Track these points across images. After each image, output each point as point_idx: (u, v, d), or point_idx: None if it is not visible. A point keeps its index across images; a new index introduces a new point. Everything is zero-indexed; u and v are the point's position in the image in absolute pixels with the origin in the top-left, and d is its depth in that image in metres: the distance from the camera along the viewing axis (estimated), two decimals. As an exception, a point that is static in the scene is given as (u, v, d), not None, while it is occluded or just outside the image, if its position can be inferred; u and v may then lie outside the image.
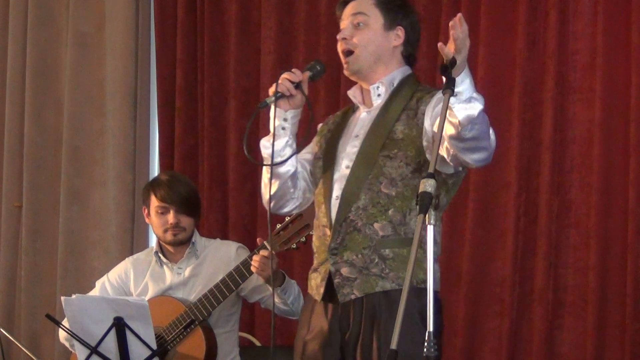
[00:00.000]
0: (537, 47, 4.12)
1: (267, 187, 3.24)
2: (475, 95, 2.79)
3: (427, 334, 2.34)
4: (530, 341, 4.08)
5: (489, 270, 4.18)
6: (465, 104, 2.78)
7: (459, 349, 4.18)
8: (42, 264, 5.33)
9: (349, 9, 3.22)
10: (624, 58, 3.95)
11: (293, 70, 3.16)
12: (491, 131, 2.90)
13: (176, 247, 4.14)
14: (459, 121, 2.78)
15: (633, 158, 3.90)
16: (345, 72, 3.22)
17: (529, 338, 4.09)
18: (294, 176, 3.26)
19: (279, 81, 3.14)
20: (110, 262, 5.06)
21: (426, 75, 4.33)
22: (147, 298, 4.04)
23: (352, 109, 3.31)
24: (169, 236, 4.10)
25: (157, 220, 4.11)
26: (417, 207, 2.33)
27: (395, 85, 3.21)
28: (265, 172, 3.23)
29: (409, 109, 3.14)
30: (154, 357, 3.64)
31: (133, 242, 5.13)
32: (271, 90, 3.15)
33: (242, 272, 3.88)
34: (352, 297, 3.08)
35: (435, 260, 3.05)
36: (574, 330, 4.03)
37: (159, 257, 4.14)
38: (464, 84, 2.75)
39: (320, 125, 3.38)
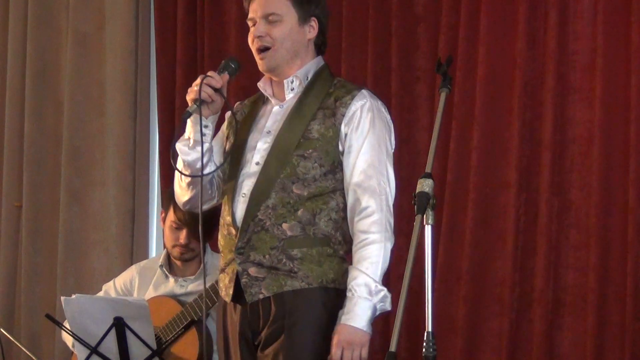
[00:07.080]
0: (537, 47, 4.11)
1: (184, 192, 3.16)
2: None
3: (426, 334, 2.35)
4: (530, 341, 4.07)
5: (489, 270, 4.17)
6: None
7: (459, 349, 4.17)
8: (42, 264, 5.33)
9: (258, 7, 3.09)
10: (624, 58, 3.94)
11: (210, 74, 3.05)
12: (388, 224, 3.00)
13: (183, 262, 4.15)
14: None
15: (633, 158, 3.89)
16: (261, 69, 3.11)
17: (529, 338, 4.08)
18: (211, 179, 3.18)
19: (201, 87, 3.00)
20: (110, 263, 5.07)
21: (426, 75, 4.33)
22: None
23: (261, 99, 3.20)
24: (175, 252, 4.10)
25: (169, 234, 4.10)
26: (415, 207, 2.33)
27: (309, 78, 3.11)
28: (182, 179, 3.13)
29: (325, 108, 3.06)
30: (154, 357, 3.65)
31: (133, 242, 5.12)
32: (189, 96, 3.03)
33: None
34: (260, 296, 3.00)
35: (344, 259, 3.05)
36: (574, 330, 4.02)
37: (164, 271, 4.15)
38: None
39: (228, 114, 3.26)
